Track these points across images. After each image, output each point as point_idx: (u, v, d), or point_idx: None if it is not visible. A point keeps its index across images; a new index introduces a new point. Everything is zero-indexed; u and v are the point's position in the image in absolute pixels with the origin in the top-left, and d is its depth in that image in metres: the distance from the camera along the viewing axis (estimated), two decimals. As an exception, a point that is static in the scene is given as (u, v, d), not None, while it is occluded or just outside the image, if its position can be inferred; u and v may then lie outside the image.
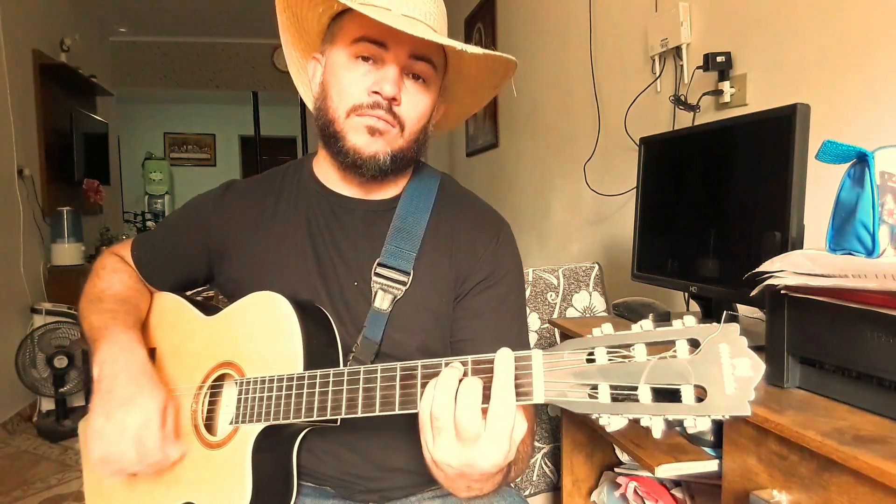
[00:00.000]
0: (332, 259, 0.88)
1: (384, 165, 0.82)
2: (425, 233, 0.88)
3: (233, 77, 6.48)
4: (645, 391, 0.51)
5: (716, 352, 0.49)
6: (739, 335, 0.50)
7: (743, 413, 0.48)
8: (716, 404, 0.49)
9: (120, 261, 0.98)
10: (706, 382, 0.49)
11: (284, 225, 0.90)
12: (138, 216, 6.89)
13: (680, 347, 0.51)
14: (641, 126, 1.89)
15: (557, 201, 2.71)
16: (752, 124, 1.14)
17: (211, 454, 0.80)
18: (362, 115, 0.80)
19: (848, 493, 0.67)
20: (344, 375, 0.69)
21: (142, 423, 0.74)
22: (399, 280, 0.85)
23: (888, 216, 0.75)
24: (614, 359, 0.54)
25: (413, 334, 0.87)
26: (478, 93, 0.94)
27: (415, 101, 0.82)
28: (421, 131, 0.85)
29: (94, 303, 0.89)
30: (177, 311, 0.94)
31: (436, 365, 0.63)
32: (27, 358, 2.96)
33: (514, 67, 0.84)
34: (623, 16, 2.10)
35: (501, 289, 0.89)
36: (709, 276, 1.22)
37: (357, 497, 0.89)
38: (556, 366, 0.56)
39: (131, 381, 0.76)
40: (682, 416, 0.50)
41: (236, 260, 0.91)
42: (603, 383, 0.53)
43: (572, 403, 0.55)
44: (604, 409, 0.53)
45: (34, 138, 3.55)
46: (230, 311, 0.86)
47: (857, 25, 1.23)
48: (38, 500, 2.34)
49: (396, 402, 0.65)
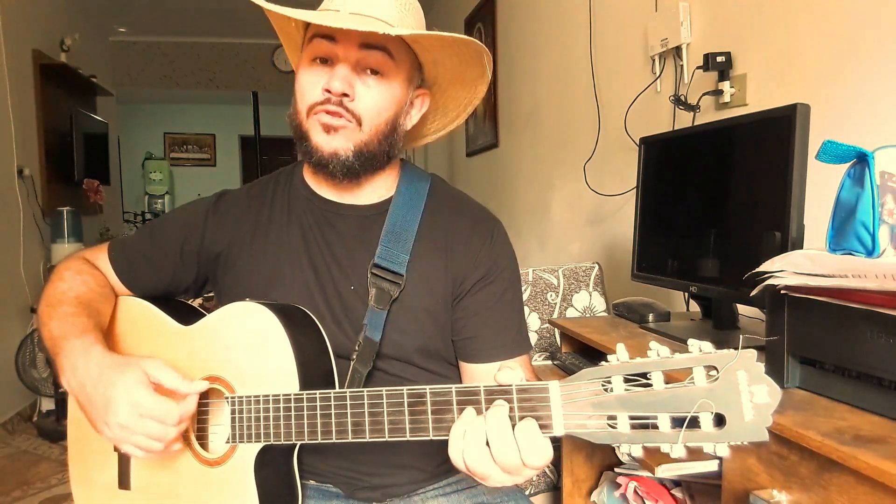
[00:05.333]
0: (328, 264, 0.88)
1: (348, 162, 0.82)
2: (418, 234, 0.88)
3: (233, 77, 6.48)
4: (664, 419, 0.52)
5: (734, 379, 0.50)
6: (756, 361, 0.50)
7: (762, 440, 0.49)
8: (735, 431, 0.49)
9: (85, 263, 0.93)
10: (725, 409, 0.50)
11: (279, 233, 0.90)
12: (138, 216, 6.89)
13: (697, 375, 0.51)
14: (641, 126, 1.89)
15: (557, 201, 2.71)
16: (752, 124, 1.14)
17: (209, 472, 0.79)
18: (317, 112, 0.81)
19: (848, 493, 0.67)
20: (346, 398, 0.68)
21: (133, 406, 0.70)
22: (394, 282, 0.85)
23: (888, 216, 0.75)
24: (632, 388, 0.53)
25: (412, 335, 0.87)
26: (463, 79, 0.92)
27: (372, 93, 0.82)
28: (386, 125, 0.84)
29: (54, 306, 0.83)
30: (147, 318, 0.89)
31: (445, 392, 0.63)
32: (27, 358, 2.96)
33: (480, 49, 0.83)
34: (623, 16, 2.10)
35: (499, 286, 0.90)
36: (709, 276, 1.22)
37: (360, 495, 0.89)
38: (573, 397, 0.56)
39: (97, 382, 0.73)
40: (702, 443, 0.50)
41: (231, 269, 0.90)
42: (622, 413, 0.53)
43: (592, 434, 0.55)
44: (624, 438, 0.53)
45: (34, 138, 3.55)
46: (210, 321, 0.83)
47: (857, 25, 1.23)
48: (38, 500, 2.34)
49: (406, 428, 0.64)
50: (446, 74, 0.91)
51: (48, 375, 2.98)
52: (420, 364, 0.89)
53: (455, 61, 0.87)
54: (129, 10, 5.22)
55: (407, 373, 0.88)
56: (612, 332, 1.33)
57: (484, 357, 0.89)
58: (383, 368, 0.86)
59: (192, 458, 0.81)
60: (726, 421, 0.50)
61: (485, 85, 0.92)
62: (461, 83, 0.92)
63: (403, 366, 0.88)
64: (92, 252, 0.96)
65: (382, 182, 0.91)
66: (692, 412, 0.50)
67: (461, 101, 0.96)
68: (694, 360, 0.52)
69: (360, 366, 0.83)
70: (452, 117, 1.00)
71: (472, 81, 0.91)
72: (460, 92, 0.94)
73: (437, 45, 0.83)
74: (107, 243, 0.97)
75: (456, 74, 0.90)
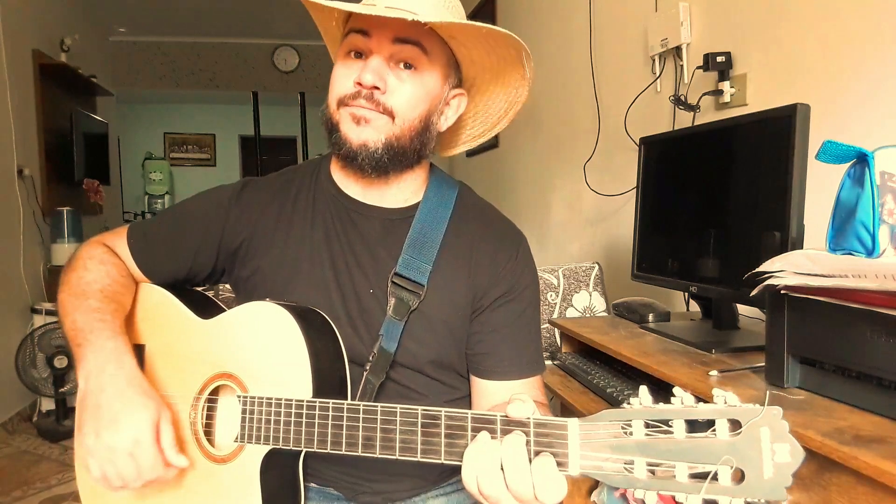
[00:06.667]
0: (349, 265, 0.86)
1: (377, 154, 0.81)
2: (442, 244, 0.86)
3: (233, 77, 6.48)
4: (682, 469, 0.51)
5: (756, 435, 0.49)
6: (781, 419, 0.49)
7: (779, 499, 0.48)
8: (753, 488, 0.49)
9: (108, 251, 0.91)
10: (745, 465, 0.49)
11: (301, 228, 0.88)
12: (138, 216, 6.89)
13: (720, 427, 0.50)
14: (641, 126, 1.89)
15: (557, 201, 2.71)
16: (752, 124, 1.14)
17: (216, 468, 0.79)
18: (347, 104, 0.80)
19: (848, 493, 0.67)
20: (360, 412, 0.67)
21: (132, 442, 0.71)
22: (414, 292, 0.84)
23: (888, 216, 0.75)
24: (653, 434, 0.53)
25: (427, 346, 0.85)
26: (503, 81, 0.89)
27: (405, 87, 0.80)
28: (420, 121, 0.82)
29: (79, 298, 0.82)
30: (165, 307, 0.89)
31: (461, 416, 0.62)
32: (27, 358, 2.96)
33: (519, 46, 0.80)
34: (623, 16, 2.10)
35: (520, 304, 0.88)
36: (709, 276, 1.22)
37: (361, 499, 0.89)
38: (591, 437, 0.55)
39: (118, 396, 0.73)
40: (719, 496, 0.50)
41: (252, 259, 0.89)
42: (640, 458, 0.53)
43: (608, 477, 0.54)
44: (640, 484, 0.53)
45: (34, 138, 3.55)
46: (228, 317, 0.83)
47: (857, 25, 1.23)
48: (38, 500, 2.34)
49: (418, 449, 0.63)
50: (485, 75, 0.88)
51: (48, 375, 2.98)
52: (431, 374, 0.87)
53: (493, 60, 0.85)
54: (129, 10, 5.23)
55: (417, 382, 0.86)
56: (612, 332, 1.32)
57: (497, 375, 0.87)
58: (394, 378, 0.85)
59: (200, 453, 0.81)
60: (745, 477, 0.49)
61: (526, 88, 0.88)
62: (501, 85, 0.89)
63: (414, 375, 0.86)
64: (111, 237, 0.94)
65: (410, 183, 0.89)
66: (716, 466, 0.50)
67: (501, 105, 0.92)
68: (718, 413, 0.51)
69: (373, 377, 0.82)
70: (492, 123, 0.96)
71: (512, 83, 0.88)
72: (500, 95, 0.91)
73: (473, 40, 0.81)
74: (125, 227, 0.95)
75: (495, 75, 0.87)
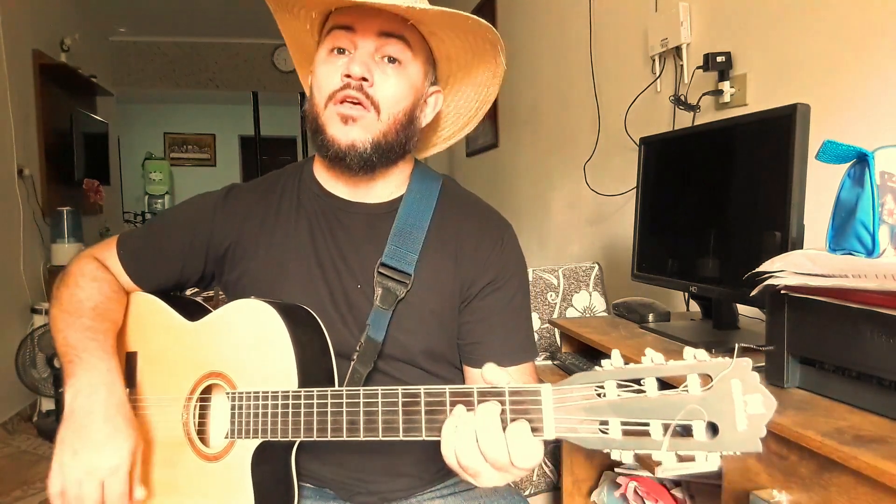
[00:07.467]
0: (335, 262, 0.87)
1: (366, 154, 0.82)
2: (427, 234, 0.87)
3: (233, 77, 6.48)
4: (657, 426, 0.51)
5: (728, 388, 0.49)
6: (752, 371, 0.49)
7: (754, 451, 0.48)
8: (727, 441, 0.49)
9: (100, 267, 0.91)
10: (718, 419, 0.49)
11: (286, 228, 0.90)
12: (138, 216, 6.89)
13: (692, 382, 0.51)
14: (641, 126, 1.89)
15: (557, 201, 2.71)
16: (752, 124, 1.14)
17: (208, 466, 0.79)
18: (336, 101, 0.81)
19: (848, 493, 0.67)
20: (343, 397, 0.68)
21: (112, 469, 0.72)
22: (401, 281, 0.84)
23: (888, 216, 0.75)
24: (625, 393, 0.53)
25: (417, 336, 0.86)
26: (475, 79, 0.92)
27: (391, 81, 0.82)
28: (404, 116, 0.84)
29: (72, 315, 0.83)
30: (154, 314, 0.90)
31: (439, 392, 0.63)
32: (27, 358, 2.96)
33: (494, 37, 0.82)
34: (623, 16, 2.10)
35: (507, 291, 0.89)
36: (709, 276, 1.22)
37: (357, 499, 0.89)
38: (565, 401, 0.56)
39: (108, 420, 0.73)
40: (694, 451, 0.50)
41: (239, 263, 0.90)
42: (614, 419, 0.53)
43: (583, 439, 0.55)
44: (615, 444, 0.53)
45: (34, 138, 3.55)
46: (214, 318, 0.84)
47: (857, 25, 1.23)
48: (38, 500, 2.34)
49: (400, 428, 0.65)
50: (458, 72, 0.91)
51: (48, 375, 2.98)
52: (424, 366, 0.88)
53: (468, 57, 0.87)
54: (129, 10, 5.23)
55: (410, 375, 0.87)
56: (612, 332, 1.33)
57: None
58: (386, 370, 0.85)
59: (192, 452, 0.81)
60: (719, 430, 0.49)
61: (496, 86, 0.91)
62: (472, 84, 0.92)
63: (407, 368, 0.87)
64: (101, 250, 0.94)
65: (395, 178, 0.90)
66: (679, 419, 0.50)
67: (471, 104, 0.95)
68: (688, 368, 0.51)
69: (361, 366, 0.83)
70: (462, 123, 0.99)
71: (483, 82, 0.91)
72: (471, 94, 0.94)
73: (453, 34, 0.83)
74: (115, 238, 0.96)
75: (467, 72, 0.90)
